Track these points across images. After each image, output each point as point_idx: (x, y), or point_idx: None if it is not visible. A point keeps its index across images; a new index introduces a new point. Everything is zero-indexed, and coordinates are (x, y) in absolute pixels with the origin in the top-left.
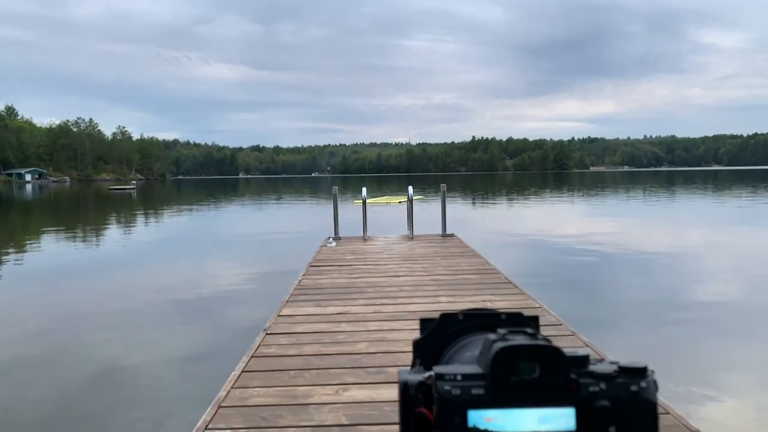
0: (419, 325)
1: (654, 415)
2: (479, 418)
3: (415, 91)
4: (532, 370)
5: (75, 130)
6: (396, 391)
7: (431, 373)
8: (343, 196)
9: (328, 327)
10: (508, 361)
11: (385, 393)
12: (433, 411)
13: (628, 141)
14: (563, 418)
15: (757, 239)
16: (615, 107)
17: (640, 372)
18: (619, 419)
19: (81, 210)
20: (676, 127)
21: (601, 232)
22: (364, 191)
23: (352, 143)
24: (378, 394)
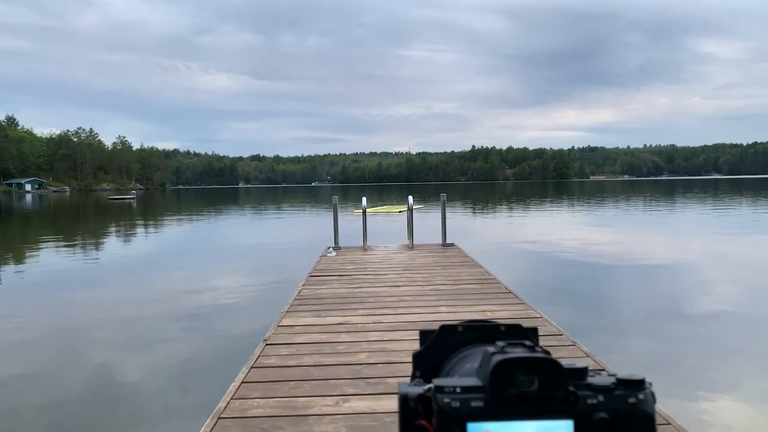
0: (419, 337)
1: (652, 428)
2: (478, 430)
3: (415, 101)
4: (530, 382)
5: (75, 140)
6: (396, 402)
7: (431, 386)
8: (344, 205)
9: (328, 337)
10: (506, 374)
11: (386, 404)
12: (433, 423)
13: (628, 150)
14: (562, 430)
15: (758, 248)
16: (615, 116)
17: (638, 384)
18: (618, 431)
19: (80, 220)
20: (675, 137)
21: (602, 241)
22: (364, 201)
23: (352, 152)
24: (378, 405)
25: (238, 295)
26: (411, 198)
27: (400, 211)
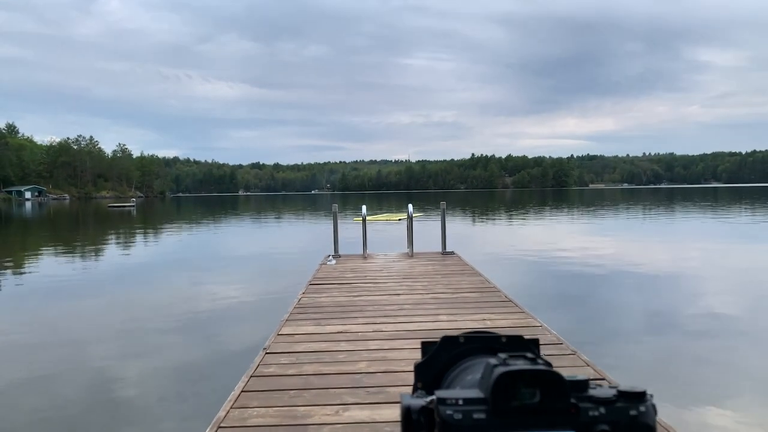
0: (421, 348)
1: None
2: None
3: (415, 109)
4: (532, 394)
5: (75, 147)
6: (396, 411)
7: (433, 398)
8: (343, 213)
9: (327, 346)
10: (509, 386)
11: (386, 413)
12: None
13: (627, 158)
14: None
15: (757, 257)
16: (614, 125)
17: (639, 396)
18: None
19: (80, 227)
20: (674, 145)
21: (601, 249)
22: (364, 209)
23: (351, 160)
24: (378, 414)
25: (237, 304)
26: (411, 206)
27: (399, 219)
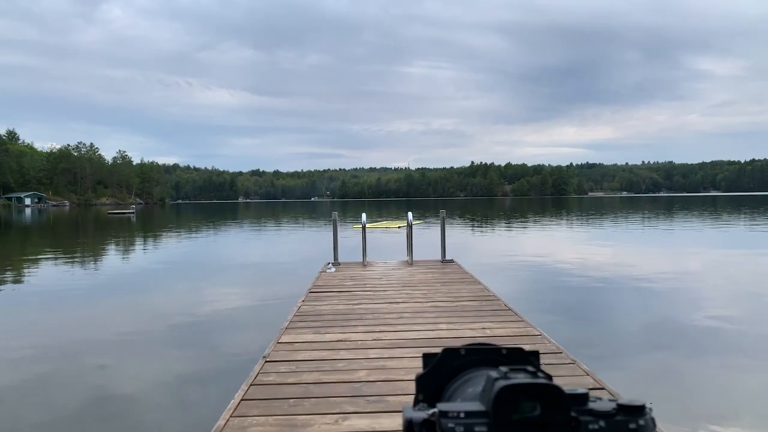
0: (422, 360)
1: None
2: None
3: (414, 117)
4: (533, 408)
5: (75, 154)
6: (396, 420)
7: (435, 410)
8: (343, 220)
9: (327, 354)
10: (509, 400)
11: (385, 422)
12: None
13: (626, 167)
14: None
15: (757, 266)
16: (613, 133)
17: (638, 410)
18: None
19: (80, 234)
20: (673, 153)
21: (601, 257)
22: (363, 217)
23: (351, 168)
24: (378, 423)
25: (237, 311)
26: (410, 214)
27: (399, 227)
